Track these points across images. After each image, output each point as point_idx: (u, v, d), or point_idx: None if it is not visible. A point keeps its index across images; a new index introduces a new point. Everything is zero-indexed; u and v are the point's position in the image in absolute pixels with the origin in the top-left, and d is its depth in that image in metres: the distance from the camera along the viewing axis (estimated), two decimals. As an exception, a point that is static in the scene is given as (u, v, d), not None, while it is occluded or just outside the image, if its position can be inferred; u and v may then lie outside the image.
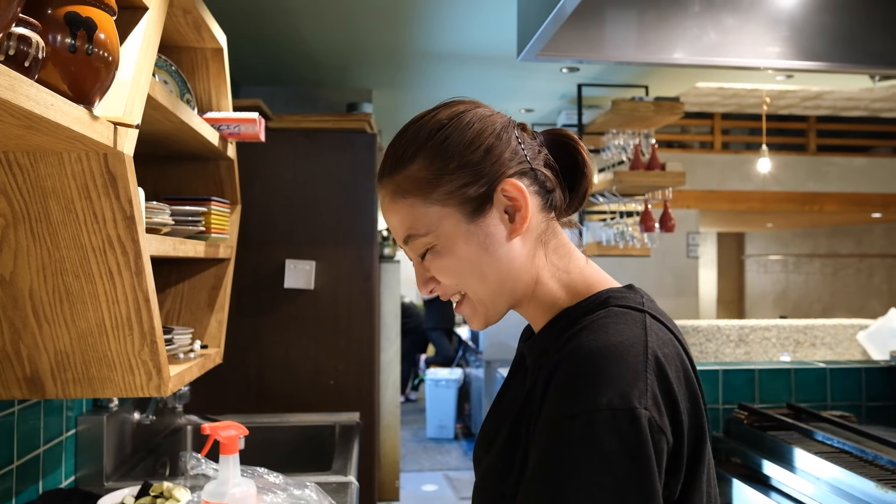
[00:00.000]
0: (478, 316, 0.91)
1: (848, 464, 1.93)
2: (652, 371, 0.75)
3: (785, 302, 11.84)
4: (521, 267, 0.88)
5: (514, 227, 0.86)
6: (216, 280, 2.01)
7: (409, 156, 0.86)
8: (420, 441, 6.23)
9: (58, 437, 1.76)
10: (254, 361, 2.87)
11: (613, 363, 0.74)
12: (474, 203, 0.85)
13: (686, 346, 0.85)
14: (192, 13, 1.65)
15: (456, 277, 0.88)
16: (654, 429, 0.72)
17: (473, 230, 0.85)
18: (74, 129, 0.95)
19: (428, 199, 0.85)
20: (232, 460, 1.58)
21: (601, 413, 0.71)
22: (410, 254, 0.90)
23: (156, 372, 1.35)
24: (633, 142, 3.90)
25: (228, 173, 2.02)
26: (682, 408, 0.76)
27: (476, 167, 0.85)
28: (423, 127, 0.87)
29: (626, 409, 0.71)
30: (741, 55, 2.13)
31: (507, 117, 0.91)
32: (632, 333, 0.78)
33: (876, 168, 7.93)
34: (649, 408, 0.72)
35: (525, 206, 0.86)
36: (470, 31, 3.04)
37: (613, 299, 0.85)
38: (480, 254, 0.86)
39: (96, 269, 1.23)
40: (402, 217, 0.87)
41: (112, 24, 1.01)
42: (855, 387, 2.55)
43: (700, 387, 0.82)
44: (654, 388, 0.74)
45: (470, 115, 0.87)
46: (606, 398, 0.72)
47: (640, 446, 0.71)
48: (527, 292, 0.90)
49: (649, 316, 0.82)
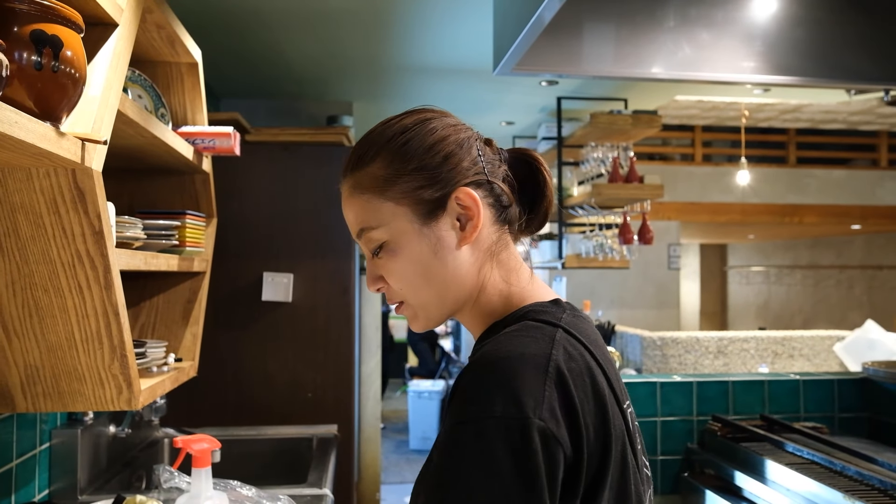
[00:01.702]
0: (418, 320, 0.93)
1: (817, 475, 1.95)
2: (553, 383, 0.75)
3: (767, 313, 11.93)
4: (466, 275, 0.90)
5: (465, 236, 0.88)
6: (191, 293, 2.01)
7: (370, 155, 0.89)
8: (403, 453, 6.22)
9: (31, 450, 1.75)
10: (231, 374, 2.86)
11: (512, 373, 0.75)
12: (428, 206, 0.87)
13: (603, 363, 0.85)
14: (165, 28, 1.66)
15: (402, 281, 0.89)
16: (550, 440, 0.72)
17: (426, 232, 0.87)
18: (40, 145, 0.96)
19: (383, 196, 0.87)
20: (204, 473, 1.58)
21: (494, 420, 0.72)
22: (364, 248, 0.92)
23: (126, 386, 1.35)
24: (611, 154, 3.93)
25: (204, 187, 2.02)
26: (584, 422, 0.76)
27: (433, 171, 0.87)
28: (387, 129, 0.90)
29: (519, 419, 0.72)
30: (717, 70, 2.16)
31: (473, 130, 0.93)
32: (536, 346, 0.79)
33: (855, 180, 8.03)
34: (545, 418, 0.73)
35: (477, 215, 0.88)
36: (449, 45, 3.06)
37: (533, 313, 0.87)
38: (430, 257, 0.88)
39: (65, 284, 1.24)
40: (356, 211, 0.89)
41: (79, 41, 1.02)
42: (828, 398, 2.58)
43: (619, 405, 0.83)
44: (553, 401, 0.74)
45: (434, 122, 0.90)
46: (501, 406, 0.73)
47: (530, 457, 0.71)
48: (468, 301, 0.92)
49: (562, 330, 0.83)
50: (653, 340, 4.53)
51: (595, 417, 0.78)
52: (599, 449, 0.78)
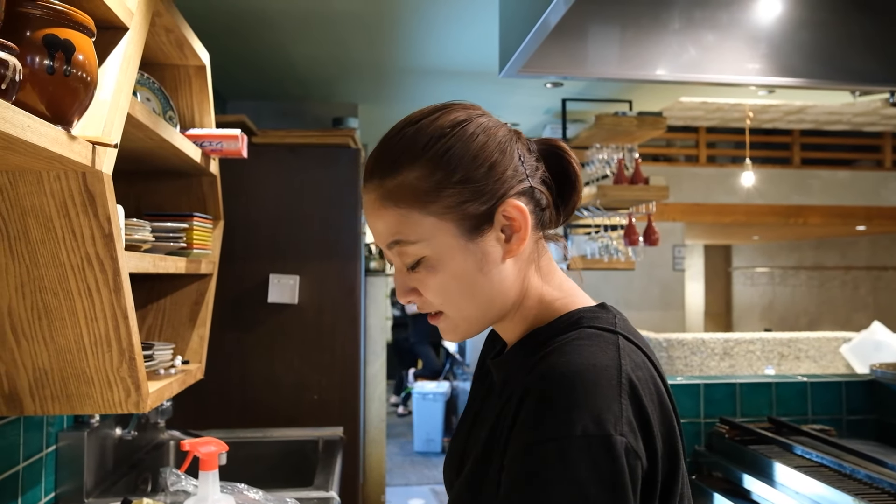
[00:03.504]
0: (457, 331, 0.88)
1: (826, 478, 1.95)
2: (626, 395, 0.73)
3: (772, 314, 11.90)
4: (511, 287, 0.86)
5: (510, 248, 0.84)
6: (198, 295, 2.01)
7: (405, 161, 0.82)
8: (407, 455, 6.22)
9: (38, 453, 1.75)
10: (237, 376, 2.87)
11: (587, 387, 0.73)
12: (473, 221, 0.82)
13: (659, 366, 0.84)
14: (174, 32, 1.66)
15: (444, 296, 0.85)
16: (630, 454, 0.71)
17: (471, 248, 0.83)
18: (52, 149, 0.96)
19: (425, 210, 0.81)
20: (211, 476, 1.59)
21: (576, 440, 0.69)
22: (395, 260, 0.86)
23: (134, 388, 1.35)
24: (616, 156, 3.93)
25: (211, 189, 2.02)
26: (656, 432, 0.75)
27: (479, 184, 0.82)
28: (421, 131, 0.84)
29: (602, 436, 0.70)
30: (721, 71, 2.16)
31: (508, 128, 0.88)
32: (605, 356, 0.76)
33: (859, 181, 8.01)
34: (625, 433, 0.71)
35: (525, 228, 0.84)
36: (455, 47, 3.06)
37: (586, 319, 0.83)
38: (474, 273, 0.83)
39: (75, 287, 1.24)
40: (389, 223, 0.83)
41: (90, 45, 1.02)
42: (836, 400, 2.57)
43: (674, 408, 0.81)
44: (629, 413, 0.72)
45: (473, 125, 0.84)
46: (581, 424, 0.70)
47: (616, 474, 0.69)
48: (512, 310, 0.88)
49: (622, 337, 0.81)
50: (658, 342, 4.52)
51: (663, 426, 0.76)
52: (668, 458, 0.76)
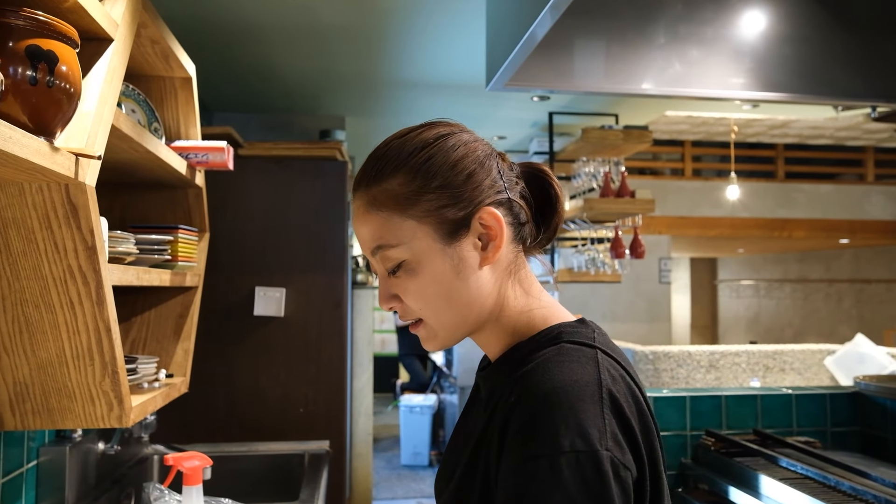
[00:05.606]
0: (437, 339, 0.91)
1: (811, 490, 1.95)
2: (609, 409, 0.76)
3: (757, 326, 11.97)
4: (487, 295, 0.88)
5: (486, 256, 0.87)
6: (183, 308, 1.99)
7: (389, 170, 0.86)
8: (394, 468, 6.18)
9: (18, 468, 1.73)
10: (222, 390, 2.84)
11: (571, 403, 0.75)
12: (451, 225, 0.85)
13: (637, 379, 0.86)
14: (160, 43, 1.65)
15: (423, 300, 0.87)
16: (619, 467, 0.73)
17: (449, 252, 0.86)
18: (33, 160, 0.95)
19: (404, 213, 0.85)
20: (195, 491, 1.57)
21: (564, 456, 0.71)
22: (378, 267, 0.89)
23: (117, 402, 1.34)
24: (603, 169, 3.95)
25: (197, 201, 2.01)
26: (640, 441, 0.77)
27: (457, 190, 0.85)
28: (406, 143, 0.87)
29: (589, 452, 0.72)
30: (706, 86, 2.18)
31: (490, 146, 0.92)
32: (584, 371, 0.79)
33: (843, 195, 8.09)
34: (610, 448, 0.73)
35: (500, 235, 0.87)
36: (442, 60, 3.07)
37: (565, 334, 0.86)
38: (452, 277, 0.86)
39: (57, 300, 1.22)
40: (373, 227, 0.87)
41: (74, 56, 1.02)
42: (821, 412, 2.58)
43: (654, 419, 0.83)
44: (613, 426, 0.75)
45: (454, 139, 0.88)
46: (568, 440, 0.72)
47: (604, 488, 0.71)
48: (489, 320, 0.90)
49: (601, 352, 0.83)
50: (645, 354, 4.53)
51: (644, 436, 0.79)
52: (652, 467, 0.79)
